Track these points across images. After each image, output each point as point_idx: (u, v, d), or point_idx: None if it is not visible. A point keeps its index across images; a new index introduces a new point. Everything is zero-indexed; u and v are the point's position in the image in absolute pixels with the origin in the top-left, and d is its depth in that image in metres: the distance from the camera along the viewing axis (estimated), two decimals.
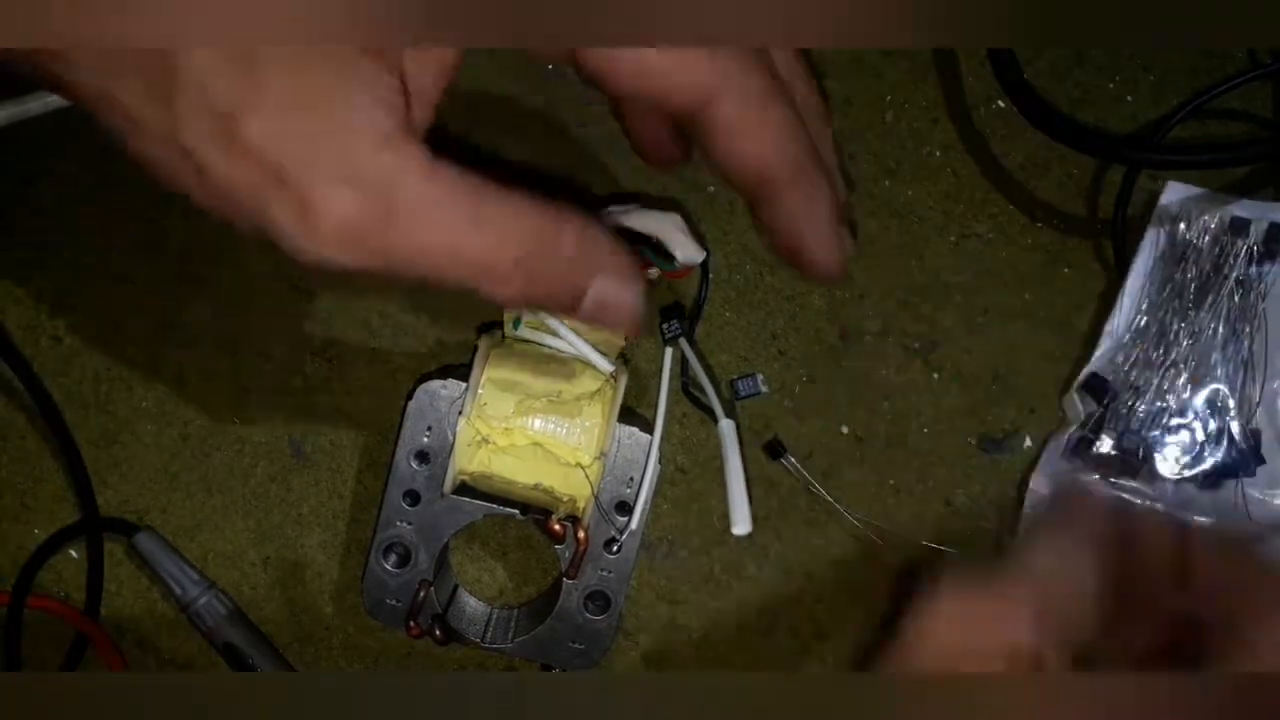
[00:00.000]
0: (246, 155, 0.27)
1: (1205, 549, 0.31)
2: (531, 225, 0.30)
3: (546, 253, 0.30)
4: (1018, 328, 0.49)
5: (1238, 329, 0.47)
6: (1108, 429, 0.47)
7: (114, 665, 0.48)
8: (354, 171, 0.28)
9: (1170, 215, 0.47)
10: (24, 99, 0.48)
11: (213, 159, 0.28)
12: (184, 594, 0.48)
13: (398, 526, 0.45)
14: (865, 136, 0.49)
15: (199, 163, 0.28)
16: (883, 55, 0.49)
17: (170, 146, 0.28)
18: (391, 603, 0.45)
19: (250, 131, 0.27)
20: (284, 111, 0.27)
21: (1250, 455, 0.47)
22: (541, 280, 0.31)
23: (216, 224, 0.50)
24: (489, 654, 0.49)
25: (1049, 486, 0.48)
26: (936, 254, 0.49)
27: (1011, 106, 0.48)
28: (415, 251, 0.29)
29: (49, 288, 0.49)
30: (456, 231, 0.29)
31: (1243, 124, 0.50)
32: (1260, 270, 0.47)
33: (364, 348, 0.49)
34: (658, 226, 0.42)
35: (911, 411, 0.49)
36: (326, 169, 0.27)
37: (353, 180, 0.28)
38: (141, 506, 0.49)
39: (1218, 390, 0.47)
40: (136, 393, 0.49)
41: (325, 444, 0.49)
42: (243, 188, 0.28)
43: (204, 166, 0.28)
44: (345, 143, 0.28)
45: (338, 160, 0.28)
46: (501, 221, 0.29)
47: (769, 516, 0.48)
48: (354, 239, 0.28)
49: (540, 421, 0.43)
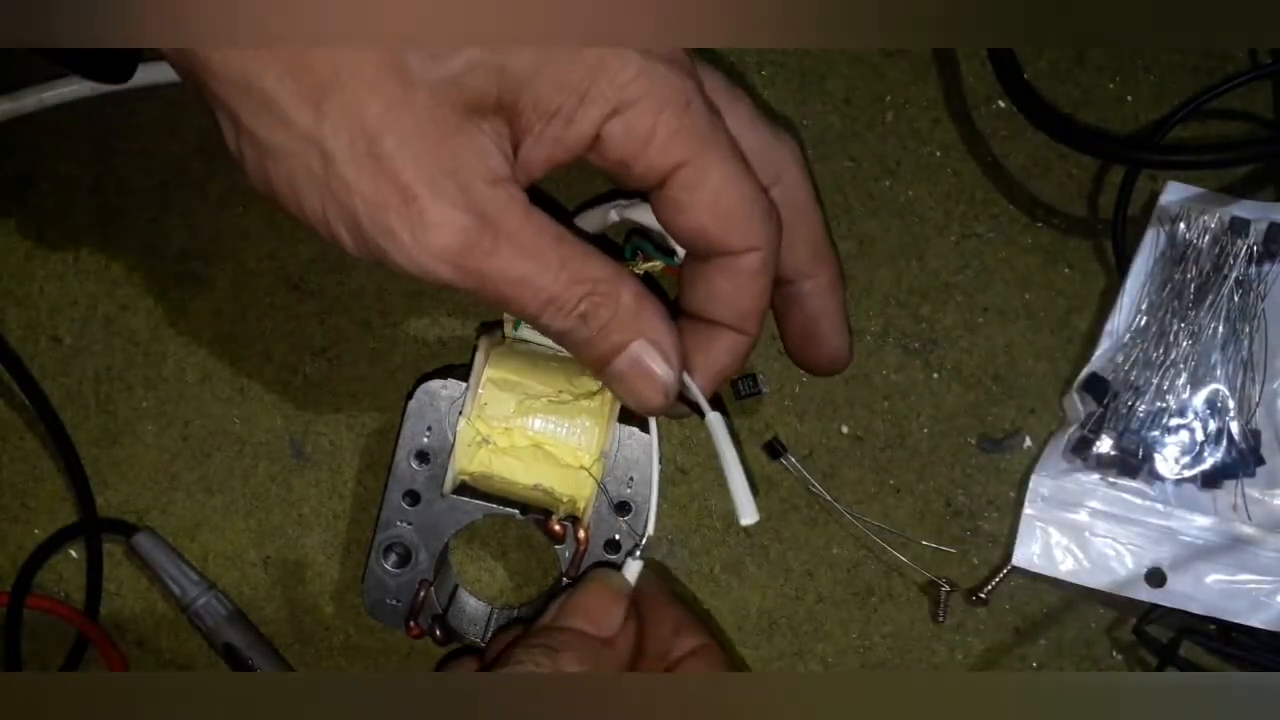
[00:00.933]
0: (382, 168, 0.31)
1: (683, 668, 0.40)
2: (602, 273, 0.34)
3: (607, 300, 0.34)
4: (1018, 328, 0.49)
5: (1238, 329, 0.47)
6: (1108, 429, 0.47)
7: (114, 665, 0.48)
8: (470, 200, 0.32)
9: (1170, 215, 0.47)
10: (19, 94, 0.48)
11: (349, 165, 0.31)
12: (184, 594, 0.48)
13: (398, 526, 0.45)
14: (865, 136, 0.49)
15: (333, 167, 0.31)
16: (883, 55, 0.49)
17: (305, 144, 0.31)
18: (391, 603, 0.45)
19: (391, 148, 0.31)
20: (423, 137, 0.31)
21: (1250, 455, 0.47)
22: (593, 321, 0.35)
23: (216, 224, 0.50)
24: None
25: (1049, 486, 0.48)
26: (936, 254, 0.49)
27: (1012, 106, 0.48)
28: (504, 277, 0.33)
29: (49, 288, 0.49)
30: (542, 266, 0.33)
31: (1243, 124, 0.50)
32: (1260, 270, 0.47)
33: (364, 348, 0.49)
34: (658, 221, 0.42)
35: (911, 411, 0.49)
36: (450, 194, 0.32)
37: (469, 207, 0.32)
38: (141, 506, 0.49)
39: (1217, 390, 0.47)
40: (136, 393, 0.49)
41: (325, 444, 0.49)
42: (370, 196, 0.31)
43: (336, 171, 0.31)
44: (467, 175, 0.32)
45: (458, 188, 0.32)
46: (578, 263, 0.34)
47: (769, 517, 0.48)
48: (459, 257, 0.32)
49: (540, 422, 0.43)
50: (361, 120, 0.31)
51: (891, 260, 0.49)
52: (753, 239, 0.36)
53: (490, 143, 0.32)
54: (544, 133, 0.33)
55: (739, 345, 0.38)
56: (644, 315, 0.35)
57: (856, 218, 0.49)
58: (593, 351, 0.36)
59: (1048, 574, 0.47)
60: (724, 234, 0.36)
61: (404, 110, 0.31)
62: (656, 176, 0.35)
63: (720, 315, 0.38)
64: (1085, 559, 0.47)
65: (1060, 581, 0.48)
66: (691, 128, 0.34)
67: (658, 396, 0.36)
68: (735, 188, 0.35)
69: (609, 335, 0.35)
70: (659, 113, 0.33)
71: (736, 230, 0.36)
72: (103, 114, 0.49)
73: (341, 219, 0.32)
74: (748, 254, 0.36)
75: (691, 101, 0.34)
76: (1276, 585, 0.47)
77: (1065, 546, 0.48)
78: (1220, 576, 0.47)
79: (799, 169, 0.40)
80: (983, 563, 0.48)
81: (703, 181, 0.35)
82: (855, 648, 0.48)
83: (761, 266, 0.36)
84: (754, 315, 0.38)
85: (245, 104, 0.32)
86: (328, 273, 0.49)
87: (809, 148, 0.49)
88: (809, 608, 0.49)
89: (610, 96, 0.33)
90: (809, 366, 0.44)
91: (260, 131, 0.32)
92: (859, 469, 0.49)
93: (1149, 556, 0.47)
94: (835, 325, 0.42)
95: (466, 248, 0.32)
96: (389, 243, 0.32)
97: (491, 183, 0.32)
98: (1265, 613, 0.46)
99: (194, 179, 0.49)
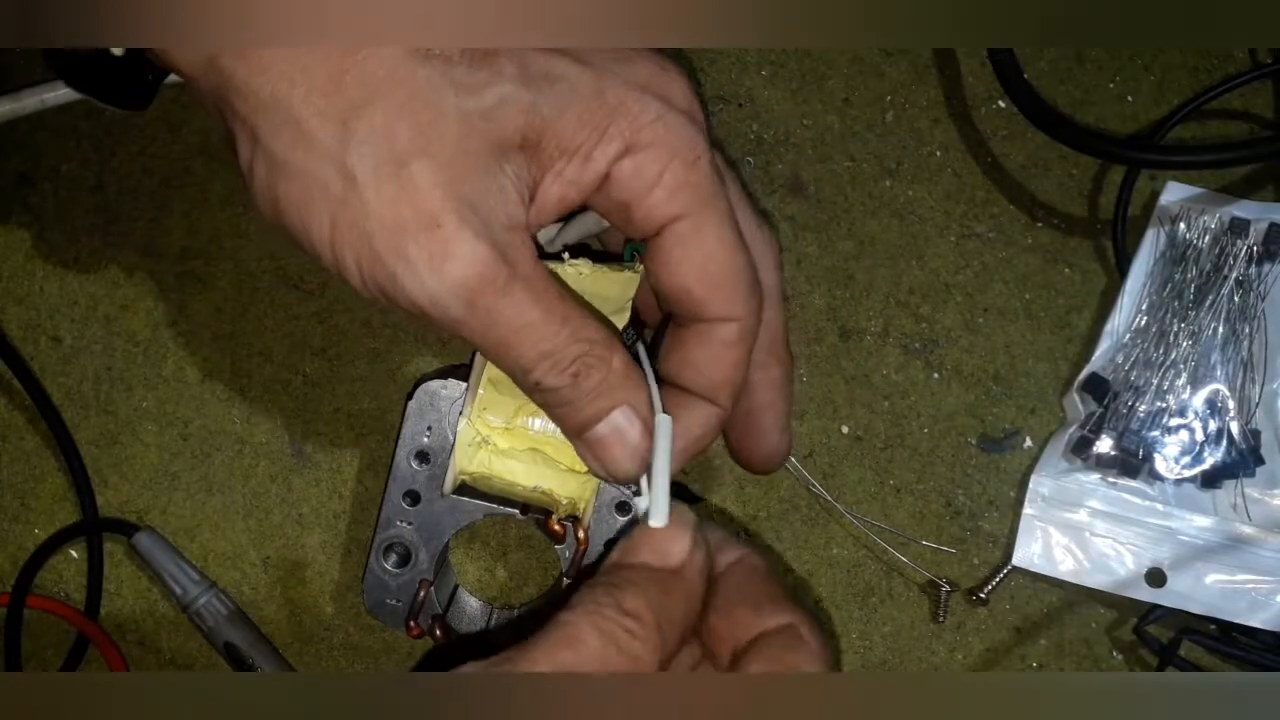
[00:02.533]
0: (406, 193, 0.31)
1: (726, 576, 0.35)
2: (598, 335, 0.34)
3: (601, 363, 0.34)
4: (1018, 327, 0.49)
5: (1238, 329, 0.47)
6: (1108, 429, 0.47)
7: (114, 665, 0.48)
8: (492, 239, 0.31)
9: (1170, 215, 0.47)
10: (19, 94, 0.48)
11: (371, 187, 0.31)
12: (184, 594, 0.48)
13: (398, 526, 0.45)
14: (865, 136, 0.49)
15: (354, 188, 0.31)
16: (884, 55, 0.49)
17: (326, 163, 0.31)
18: (392, 603, 0.45)
19: (418, 173, 0.31)
20: (452, 167, 0.31)
21: (1250, 455, 0.47)
22: (585, 382, 0.34)
23: (216, 224, 0.50)
24: None
25: (1049, 486, 0.48)
26: (936, 254, 0.49)
27: (1012, 106, 0.48)
28: (512, 322, 0.32)
29: (49, 288, 0.49)
30: (549, 317, 0.33)
31: (1243, 124, 0.50)
32: (1260, 270, 0.47)
33: (364, 348, 0.49)
34: None
35: (911, 411, 0.49)
36: (474, 225, 0.31)
37: (491, 244, 0.31)
38: (141, 506, 0.49)
39: (1217, 390, 0.47)
40: (136, 393, 0.49)
41: (325, 444, 0.49)
42: (389, 220, 0.31)
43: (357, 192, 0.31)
44: (489, 211, 0.32)
45: (482, 222, 0.31)
46: (578, 322, 0.34)
47: (769, 517, 0.48)
48: (474, 292, 0.32)
49: (541, 423, 0.43)
50: (390, 143, 0.31)
51: (891, 260, 0.49)
52: (735, 308, 0.36)
53: (511, 185, 0.32)
54: (563, 171, 0.33)
55: (712, 417, 0.37)
56: (631, 382, 0.35)
57: (856, 218, 0.49)
58: (577, 414, 0.35)
59: (1048, 574, 0.48)
60: (708, 298, 0.36)
61: (434, 137, 0.31)
62: (654, 225, 0.35)
63: (695, 384, 0.37)
64: (1085, 559, 0.47)
65: (1060, 581, 0.48)
66: (698, 184, 0.34)
67: (633, 464, 0.36)
68: (726, 253, 0.35)
69: (596, 399, 0.35)
70: (669, 160, 0.33)
71: (721, 296, 0.35)
72: (103, 114, 0.49)
73: (350, 244, 0.32)
74: (727, 324, 0.36)
75: (701, 157, 0.34)
76: (1276, 585, 0.47)
77: (1065, 546, 0.48)
78: (1220, 576, 0.47)
79: (775, 258, 0.40)
80: (983, 563, 0.48)
81: (697, 240, 0.35)
82: (855, 647, 0.48)
83: (740, 337, 0.36)
84: (727, 387, 0.37)
85: (267, 119, 0.31)
86: (328, 272, 0.49)
87: (809, 148, 0.49)
88: (809, 608, 0.49)
89: (627, 136, 0.33)
90: (744, 458, 0.43)
91: (279, 149, 0.31)
92: (859, 469, 0.49)
93: (1149, 556, 0.47)
94: (778, 420, 0.41)
95: (483, 283, 0.31)
96: (404, 270, 0.31)
97: (509, 227, 0.32)
98: (1265, 613, 0.46)
99: (195, 179, 0.49)
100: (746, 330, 0.36)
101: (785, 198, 0.49)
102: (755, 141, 0.49)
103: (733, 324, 0.36)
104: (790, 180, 0.49)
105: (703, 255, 0.35)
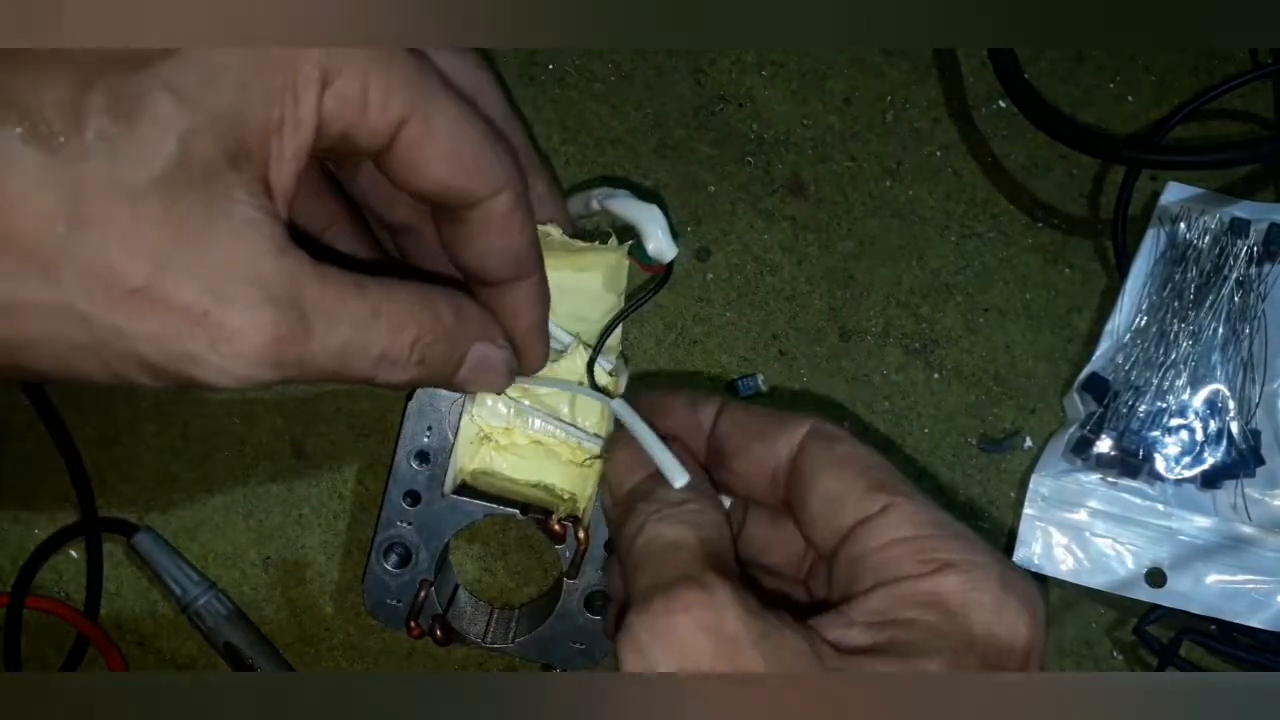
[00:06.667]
0: (153, 305, 0.28)
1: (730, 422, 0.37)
2: (413, 305, 0.32)
3: (432, 329, 0.32)
4: (1018, 328, 0.49)
5: (1238, 329, 0.47)
6: (1108, 429, 0.47)
7: (114, 665, 0.48)
8: (262, 289, 0.29)
9: (1170, 215, 0.47)
10: None
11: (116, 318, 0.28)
12: (184, 594, 0.48)
13: (398, 526, 0.45)
14: (866, 136, 0.49)
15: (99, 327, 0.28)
16: (884, 55, 0.49)
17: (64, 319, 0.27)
18: (392, 603, 0.45)
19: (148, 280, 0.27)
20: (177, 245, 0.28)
21: (1250, 455, 0.47)
22: (430, 358, 0.33)
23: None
24: (489, 654, 0.49)
25: (1049, 486, 0.48)
26: (937, 254, 0.49)
27: (1012, 106, 0.48)
28: (331, 355, 0.30)
29: None
30: (359, 327, 0.30)
31: (1243, 124, 0.50)
32: (1260, 271, 0.47)
33: None
34: (637, 216, 0.42)
35: (911, 411, 0.49)
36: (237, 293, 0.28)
37: (263, 299, 0.29)
38: (141, 506, 0.49)
39: (1218, 390, 0.47)
40: (136, 393, 0.49)
41: (325, 444, 0.49)
42: (153, 338, 0.28)
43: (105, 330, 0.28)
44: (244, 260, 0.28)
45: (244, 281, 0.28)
46: (390, 307, 0.31)
47: None
48: (277, 354, 0.29)
49: (541, 421, 0.43)
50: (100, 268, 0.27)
51: (891, 260, 0.49)
52: (497, 180, 0.34)
53: (248, 208, 0.29)
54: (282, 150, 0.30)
55: (532, 290, 0.36)
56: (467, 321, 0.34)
57: (856, 218, 0.49)
58: (442, 379, 0.34)
59: (1048, 574, 0.47)
60: (466, 181, 0.33)
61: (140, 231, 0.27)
62: (382, 141, 0.32)
63: (498, 271, 0.36)
64: (1085, 559, 0.47)
65: (1060, 581, 0.48)
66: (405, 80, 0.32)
67: (504, 379, 0.36)
68: (465, 131, 0.33)
69: (449, 363, 0.34)
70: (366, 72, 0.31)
71: (478, 174, 0.34)
72: None
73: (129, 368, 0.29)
74: (496, 196, 0.34)
75: (395, 54, 0.32)
76: (1276, 585, 0.47)
77: (1065, 546, 0.48)
78: (1220, 576, 0.47)
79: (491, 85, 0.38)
80: None
81: (430, 133, 0.32)
82: None
83: (516, 203, 0.34)
84: (528, 254, 0.36)
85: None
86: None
87: (809, 148, 0.49)
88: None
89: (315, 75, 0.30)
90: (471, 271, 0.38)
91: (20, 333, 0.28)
92: None
93: (1149, 556, 0.47)
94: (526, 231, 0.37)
95: (278, 341, 0.29)
96: (195, 369, 0.29)
97: (274, 253, 0.29)
98: (1265, 613, 0.46)
99: None
100: (518, 193, 0.35)
101: (785, 198, 0.49)
102: (755, 141, 0.49)
103: (502, 194, 0.34)
104: (790, 180, 0.49)
105: (442, 145, 0.33)
